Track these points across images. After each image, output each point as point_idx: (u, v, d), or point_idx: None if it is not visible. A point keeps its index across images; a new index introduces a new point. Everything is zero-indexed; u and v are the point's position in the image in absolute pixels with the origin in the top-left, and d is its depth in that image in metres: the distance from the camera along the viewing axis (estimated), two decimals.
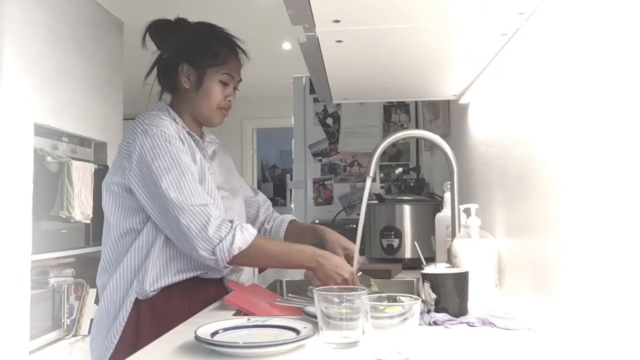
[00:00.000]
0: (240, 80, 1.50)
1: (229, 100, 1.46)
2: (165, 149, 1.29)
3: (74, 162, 3.05)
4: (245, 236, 1.25)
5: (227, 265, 1.27)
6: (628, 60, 0.67)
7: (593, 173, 0.77)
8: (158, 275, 1.31)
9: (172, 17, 1.48)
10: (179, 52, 1.44)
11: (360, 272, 1.39)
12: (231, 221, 1.27)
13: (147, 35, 1.45)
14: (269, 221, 1.70)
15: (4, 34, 2.64)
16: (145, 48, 1.42)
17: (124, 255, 1.34)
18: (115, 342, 1.28)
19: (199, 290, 1.35)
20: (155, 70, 1.47)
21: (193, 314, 1.20)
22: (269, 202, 1.76)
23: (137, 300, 1.30)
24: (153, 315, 1.29)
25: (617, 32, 0.70)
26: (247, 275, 1.53)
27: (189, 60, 1.43)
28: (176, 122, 1.40)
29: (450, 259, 1.32)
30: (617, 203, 0.70)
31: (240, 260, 1.27)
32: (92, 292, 3.15)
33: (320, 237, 1.56)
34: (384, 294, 0.84)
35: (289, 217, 1.72)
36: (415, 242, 1.43)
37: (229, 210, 1.44)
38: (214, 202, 1.33)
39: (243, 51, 1.50)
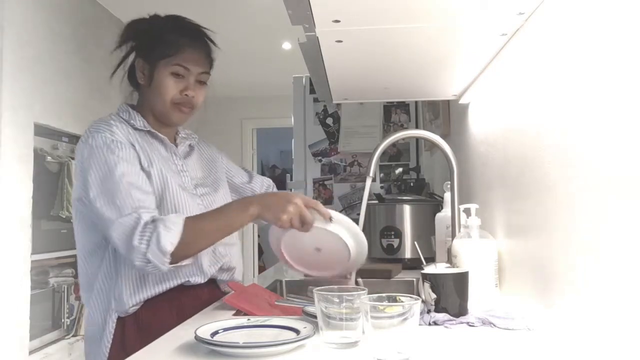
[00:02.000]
0: (205, 72, 1.36)
1: (186, 95, 1.33)
2: (102, 158, 1.20)
3: (74, 162, 3.05)
4: (171, 229, 1.14)
5: (176, 264, 1.18)
6: (628, 60, 0.67)
7: (593, 173, 0.77)
8: (135, 288, 1.24)
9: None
10: (135, 47, 1.37)
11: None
12: (154, 220, 1.16)
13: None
14: None
15: (4, 34, 2.64)
16: (120, 50, 1.37)
17: (97, 274, 1.27)
18: None
19: (187, 298, 1.28)
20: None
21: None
22: (269, 183, 1.65)
23: (119, 318, 1.24)
24: (139, 331, 1.22)
25: (617, 31, 0.70)
26: (240, 273, 1.48)
27: (142, 54, 1.35)
28: (131, 124, 1.31)
29: (450, 259, 1.32)
30: (617, 203, 0.70)
31: (182, 253, 1.17)
32: None
33: None
34: (384, 294, 0.84)
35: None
36: (415, 242, 1.43)
37: (209, 207, 1.35)
38: (172, 206, 1.26)
39: (210, 40, 1.39)
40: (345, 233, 1.18)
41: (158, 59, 1.32)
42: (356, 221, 1.26)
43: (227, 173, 1.58)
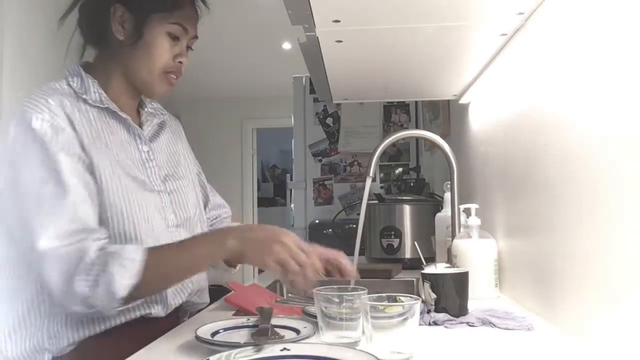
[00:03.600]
0: (196, 37, 1.12)
1: (180, 62, 1.08)
2: (40, 153, 0.92)
3: None
4: (126, 269, 0.88)
5: (126, 305, 0.93)
6: (628, 59, 0.67)
7: (593, 173, 0.77)
8: (78, 321, 0.95)
9: None
10: None
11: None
12: (104, 253, 0.90)
13: None
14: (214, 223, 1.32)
15: (5, 34, 2.64)
16: None
17: (18, 301, 0.96)
18: None
19: (134, 331, 0.99)
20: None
21: None
22: (227, 213, 1.38)
23: (53, 358, 0.96)
24: None
25: (617, 31, 0.70)
26: (239, 274, 1.43)
27: (125, 1, 1.04)
28: (82, 98, 1.01)
29: (450, 259, 1.32)
30: (617, 203, 0.70)
31: (137, 295, 0.92)
32: None
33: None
34: (384, 294, 0.84)
35: (227, 222, 1.32)
36: (415, 242, 1.42)
37: (182, 208, 1.12)
38: (122, 219, 0.98)
39: (205, 2, 1.13)
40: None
41: (150, 12, 1.04)
42: (356, 221, 1.25)
43: (197, 166, 1.30)
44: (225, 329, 0.95)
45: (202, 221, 1.20)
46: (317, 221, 2.70)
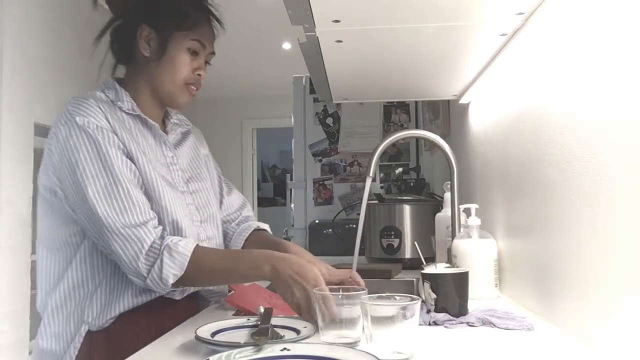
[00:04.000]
0: (213, 53, 1.24)
1: (199, 75, 1.20)
2: (92, 149, 1.05)
3: None
4: (176, 260, 1.03)
5: (174, 289, 1.09)
6: (628, 59, 0.67)
7: (593, 173, 0.77)
8: (115, 297, 1.08)
9: None
10: (138, 12, 1.18)
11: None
12: (161, 242, 1.05)
13: None
14: (237, 223, 1.40)
15: (5, 34, 2.64)
16: (96, 9, 1.21)
17: (63, 275, 1.10)
18: None
19: (165, 310, 1.13)
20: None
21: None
22: (242, 205, 1.44)
23: (89, 332, 1.07)
24: (108, 347, 1.06)
25: (616, 31, 0.70)
26: None
27: (151, 22, 1.17)
28: (117, 106, 1.14)
29: (450, 259, 1.32)
30: (617, 202, 0.70)
31: (183, 284, 1.07)
32: None
33: (282, 250, 1.21)
34: (384, 294, 0.84)
35: (255, 225, 1.39)
36: (415, 242, 1.42)
37: (205, 206, 1.24)
38: (163, 207, 1.11)
39: (217, 20, 1.25)
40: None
41: (173, 31, 1.16)
42: (356, 221, 1.25)
43: (217, 172, 1.43)
44: (225, 329, 0.95)
45: (215, 217, 1.31)
46: (317, 221, 2.70)
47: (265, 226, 1.41)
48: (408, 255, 1.91)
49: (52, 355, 1.08)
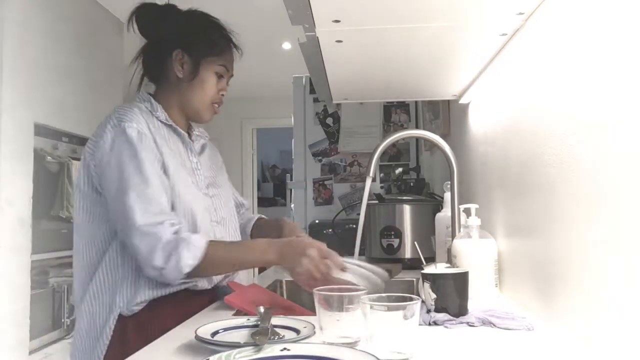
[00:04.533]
0: (232, 75, 1.43)
1: (222, 95, 1.39)
2: (132, 153, 1.19)
3: (74, 162, 3.05)
4: (192, 251, 1.15)
5: (186, 280, 1.21)
6: (628, 60, 0.67)
7: (592, 172, 0.77)
8: (140, 286, 1.21)
9: None
10: (173, 38, 1.35)
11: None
12: (177, 237, 1.16)
13: (134, 20, 1.36)
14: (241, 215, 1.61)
15: (4, 34, 2.64)
16: (132, 31, 1.34)
17: (98, 266, 1.24)
18: None
19: (191, 303, 1.24)
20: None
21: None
22: (248, 209, 1.68)
23: (121, 316, 1.20)
24: (139, 331, 1.18)
25: (616, 31, 0.70)
26: (243, 273, 1.48)
27: (185, 47, 1.33)
28: (155, 116, 1.30)
29: (450, 259, 1.32)
30: (617, 202, 0.70)
31: (195, 274, 1.19)
32: None
33: (280, 228, 1.47)
34: (384, 294, 0.84)
35: (257, 216, 1.64)
36: (415, 242, 1.42)
37: (219, 210, 1.37)
38: (186, 205, 1.24)
39: (236, 46, 1.42)
40: (359, 279, 1.16)
41: (203, 56, 1.33)
42: (356, 221, 1.26)
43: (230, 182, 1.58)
44: (225, 329, 0.95)
45: (235, 221, 1.46)
46: (317, 221, 2.70)
47: (262, 215, 1.67)
48: (408, 255, 1.91)
49: (91, 337, 1.23)
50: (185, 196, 1.25)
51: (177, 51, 1.33)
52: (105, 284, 1.23)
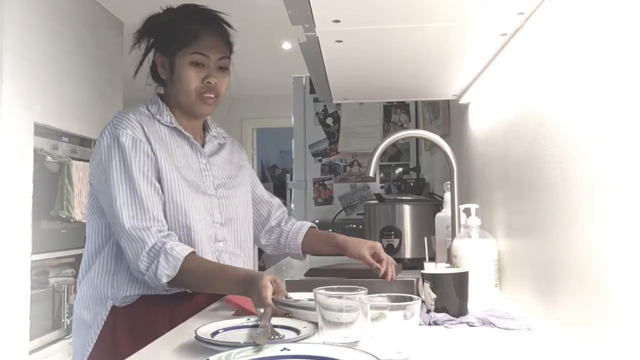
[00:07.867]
0: (225, 57, 1.33)
1: (208, 83, 1.30)
2: (123, 159, 1.22)
3: (74, 162, 3.05)
4: (170, 263, 1.16)
5: (172, 287, 1.21)
6: (628, 60, 0.67)
7: (592, 173, 0.77)
8: (133, 280, 1.23)
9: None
10: (152, 44, 1.35)
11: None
12: (160, 246, 1.18)
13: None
14: (286, 224, 1.56)
15: (4, 34, 2.64)
16: (139, 48, 1.35)
17: (98, 255, 1.28)
18: (90, 350, 1.23)
19: (184, 300, 1.26)
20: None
21: (175, 325, 1.08)
22: (285, 209, 1.63)
23: (114, 307, 1.24)
24: (132, 325, 1.22)
25: (617, 31, 0.70)
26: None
27: (158, 48, 1.33)
28: (157, 119, 1.31)
29: (450, 259, 1.32)
30: (617, 202, 0.70)
31: (179, 284, 1.20)
32: None
33: (340, 248, 1.42)
34: (384, 294, 0.84)
35: (308, 224, 1.58)
36: (425, 238, 1.40)
37: (226, 211, 1.36)
38: (180, 207, 1.25)
39: (226, 23, 1.36)
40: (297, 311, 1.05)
41: (176, 51, 1.29)
42: (357, 221, 1.25)
43: (252, 182, 1.55)
44: (225, 329, 0.95)
45: (249, 222, 1.46)
46: (317, 221, 2.69)
47: (313, 224, 1.60)
48: (408, 255, 1.91)
49: (84, 323, 1.27)
50: (180, 197, 1.26)
51: (156, 55, 1.34)
52: (101, 274, 1.27)
